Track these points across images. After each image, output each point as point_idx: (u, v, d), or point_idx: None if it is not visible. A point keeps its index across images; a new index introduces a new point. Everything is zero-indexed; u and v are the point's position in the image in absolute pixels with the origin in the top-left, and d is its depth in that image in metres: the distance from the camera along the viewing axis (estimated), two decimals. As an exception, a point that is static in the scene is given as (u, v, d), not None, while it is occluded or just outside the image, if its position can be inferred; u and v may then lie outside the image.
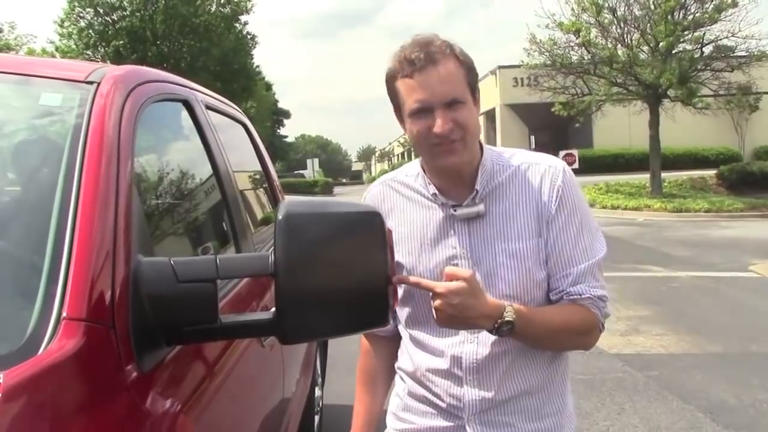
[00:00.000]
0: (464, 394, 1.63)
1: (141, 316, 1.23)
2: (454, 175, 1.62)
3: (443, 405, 1.67)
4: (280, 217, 1.21)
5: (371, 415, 1.85)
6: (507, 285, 1.60)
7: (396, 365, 1.83)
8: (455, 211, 1.62)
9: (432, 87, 1.50)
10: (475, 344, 1.62)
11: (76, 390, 1.07)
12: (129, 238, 1.31)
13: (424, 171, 1.68)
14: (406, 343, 1.78)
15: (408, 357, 1.76)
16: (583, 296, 1.60)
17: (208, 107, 2.39)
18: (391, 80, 1.59)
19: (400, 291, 1.69)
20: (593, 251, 1.64)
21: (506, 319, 1.48)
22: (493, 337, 1.60)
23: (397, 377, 1.84)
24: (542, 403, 1.68)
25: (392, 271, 1.31)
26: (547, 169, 1.64)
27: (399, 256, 1.65)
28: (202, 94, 2.38)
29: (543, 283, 1.63)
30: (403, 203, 1.72)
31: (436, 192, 1.64)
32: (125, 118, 1.50)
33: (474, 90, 1.58)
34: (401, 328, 1.79)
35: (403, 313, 1.75)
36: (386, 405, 1.88)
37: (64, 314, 1.10)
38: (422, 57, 1.50)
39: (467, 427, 1.64)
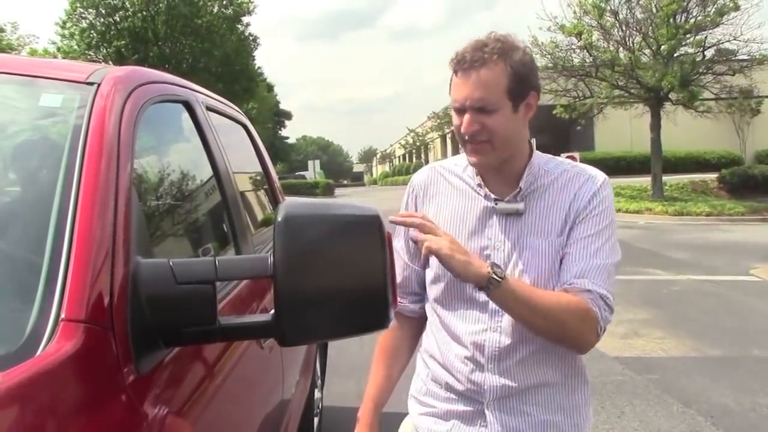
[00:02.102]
0: (485, 380, 1.71)
1: (140, 318, 1.23)
2: (495, 173, 1.72)
3: (464, 390, 1.74)
4: (279, 219, 1.21)
5: (386, 386, 1.90)
6: (530, 280, 1.67)
7: (421, 348, 1.91)
8: (497, 205, 1.71)
9: (467, 90, 1.60)
10: (498, 333, 1.70)
11: (74, 392, 1.06)
12: (128, 239, 1.31)
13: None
14: (432, 326, 1.85)
15: (433, 340, 1.83)
16: (583, 288, 1.60)
17: (209, 108, 2.39)
18: (451, 73, 1.67)
19: (431, 273, 1.79)
20: (605, 254, 1.66)
21: (495, 271, 1.53)
22: (515, 327, 1.67)
23: (420, 362, 1.92)
24: (561, 398, 1.74)
25: (392, 273, 1.31)
26: (588, 178, 1.72)
27: None
28: (202, 95, 2.38)
29: None
30: (448, 189, 1.80)
31: (481, 183, 1.73)
32: (125, 119, 1.49)
33: (517, 99, 1.63)
34: (429, 310, 1.86)
35: (431, 293, 1.82)
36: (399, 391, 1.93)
37: (62, 315, 1.10)
38: (468, 59, 1.59)
39: (486, 412, 1.72)
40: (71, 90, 1.55)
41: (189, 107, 2.11)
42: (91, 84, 1.53)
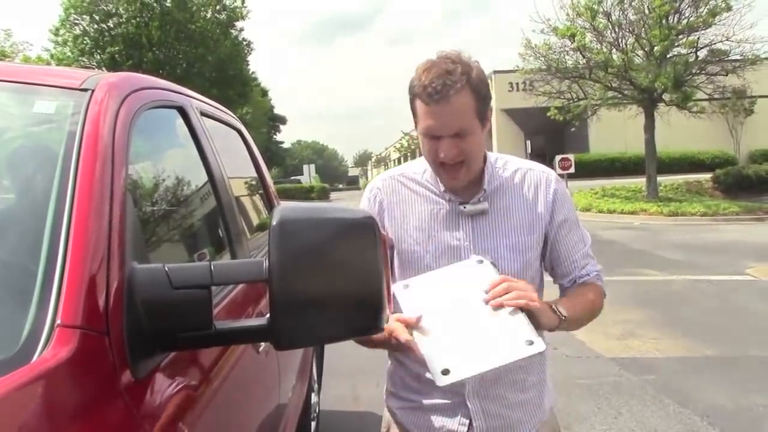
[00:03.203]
0: None
1: (135, 323, 1.23)
2: None
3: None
4: (274, 223, 1.21)
5: None
6: (507, 274, 1.77)
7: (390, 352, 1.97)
8: (464, 208, 1.81)
9: (442, 119, 1.67)
10: None
11: (70, 397, 1.06)
12: (123, 244, 1.31)
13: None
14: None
15: None
16: (591, 275, 1.91)
17: (203, 114, 2.39)
18: (411, 94, 1.74)
19: (408, 278, 1.86)
20: (586, 238, 1.94)
21: (564, 314, 1.70)
22: None
23: (393, 360, 1.99)
24: (526, 376, 1.89)
25: (387, 276, 1.32)
26: (541, 175, 1.88)
27: (406, 245, 1.86)
28: (196, 101, 2.38)
29: (538, 272, 1.91)
30: (411, 197, 1.89)
31: (446, 189, 1.84)
32: (119, 125, 1.50)
33: (483, 115, 1.74)
34: None
35: None
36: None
37: (58, 321, 1.10)
38: (439, 89, 1.64)
39: (468, 402, 1.82)
40: (65, 96, 1.55)
41: (183, 113, 2.12)
42: (85, 90, 1.53)
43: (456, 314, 1.63)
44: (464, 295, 1.64)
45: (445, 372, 1.52)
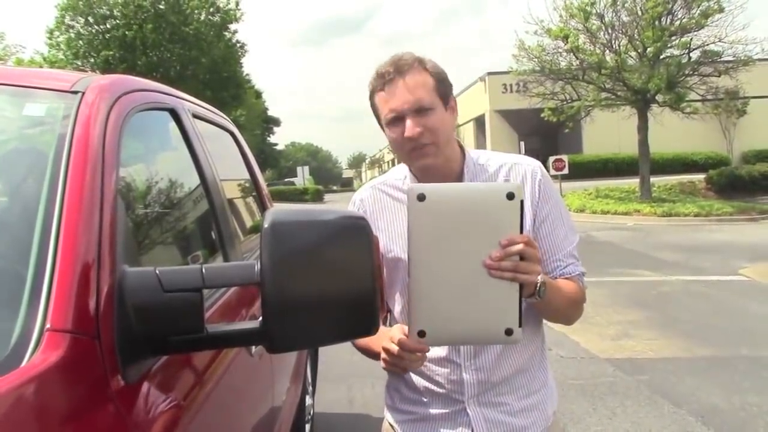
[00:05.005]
0: (464, 379, 1.76)
1: (126, 327, 1.22)
2: (437, 175, 1.74)
3: (444, 391, 1.78)
4: (266, 225, 1.20)
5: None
6: None
7: None
8: None
9: (401, 96, 1.66)
10: None
11: (60, 402, 1.05)
12: (114, 248, 1.30)
13: (412, 173, 1.81)
14: None
15: None
16: (573, 275, 1.80)
17: (195, 116, 2.38)
18: (371, 98, 1.76)
19: (397, 286, 1.82)
20: (573, 236, 1.84)
21: (541, 280, 1.54)
22: None
23: (390, 373, 1.89)
24: (530, 380, 1.84)
25: (380, 278, 1.31)
26: (527, 168, 1.82)
27: (393, 254, 1.79)
28: (189, 103, 2.37)
29: None
30: (395, 205, 1.83)
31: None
32: (110, 127, 1.49)
33: (446, 98, 1.71)
34: (395, 321, 1.86)
35: (398, 307, 1.84)
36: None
37: (47, 325, 1.09)
38: (391, 70, 1.68)
39: (468, 410, 1.77)
40: (56, 99, 1.54)
41: (175, 115, 2.11)
42: (76, 93, 1.52)
43: (458, 261, 1.45)
44: (475, 240, 1.44)
45: (421, 334, 1.47)
